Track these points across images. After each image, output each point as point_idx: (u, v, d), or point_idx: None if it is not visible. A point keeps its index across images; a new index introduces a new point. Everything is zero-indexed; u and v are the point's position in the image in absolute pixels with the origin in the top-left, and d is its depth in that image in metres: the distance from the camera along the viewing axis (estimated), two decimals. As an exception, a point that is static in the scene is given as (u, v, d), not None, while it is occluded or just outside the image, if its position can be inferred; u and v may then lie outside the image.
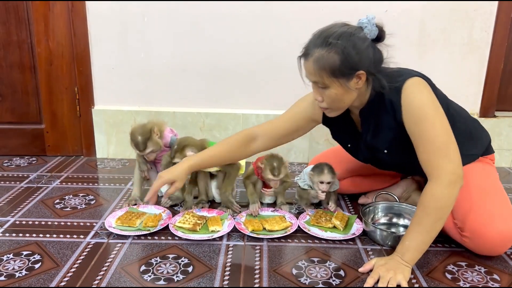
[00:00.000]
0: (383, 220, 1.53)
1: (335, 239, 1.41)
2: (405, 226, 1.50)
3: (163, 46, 2.06)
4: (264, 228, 1.44)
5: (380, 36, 1.22)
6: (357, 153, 1.48)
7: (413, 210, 1.50)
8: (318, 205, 1.67)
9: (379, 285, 1.15)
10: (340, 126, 1.46)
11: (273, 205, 1.66)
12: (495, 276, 1.23)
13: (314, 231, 1.45)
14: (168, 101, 2.15)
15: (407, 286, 1.14)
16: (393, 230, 1.48)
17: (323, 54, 1.18)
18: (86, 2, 2.00)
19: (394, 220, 1.53)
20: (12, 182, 1.86)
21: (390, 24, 1.97)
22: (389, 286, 1.14)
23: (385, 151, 1.36)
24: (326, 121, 1.46)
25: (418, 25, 1.99)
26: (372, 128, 1.35)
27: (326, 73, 1.19)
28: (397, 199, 1.55)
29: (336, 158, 1.68)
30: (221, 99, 2.14)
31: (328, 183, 1.53)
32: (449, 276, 1.23)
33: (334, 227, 1.46)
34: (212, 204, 1.68)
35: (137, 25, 2.03)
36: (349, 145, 1.49)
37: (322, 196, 1.55)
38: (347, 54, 1.16)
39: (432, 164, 1.20)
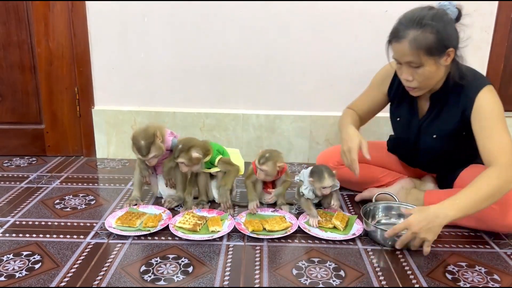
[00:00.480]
0: (384, 220, 1.53)
1: (335, 239, 1.41)
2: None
3: (163, 46, 2.06)
4: (264, 229, 1.44)
5: (458, 17, 1.35)
6: (402, 129, 1.60)
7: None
8: (318, 205, 1.67)
9: (397, 245, 1.30)
10: (402, 100, 1.57)
11: (273, 205, 1.66)
12: (496, 277, 1.23)
13: (314, 231, 1.45)
14: (168, 101, 2.15)
15: (429, 247, 1.26)
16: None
17: (419, 35, 1.29)
18: (86, 2, 2.00)
19: (394, 220, 1.53)
20: (12, 182, 1.86)
21: (390, 24, 1.98)
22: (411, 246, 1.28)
23: (434, 136, 1.49)
24: (390, 92, 1.60)
25: (418, 25, 1.99)
26: (435, 113, 1.48)
27: (422, 51, 1.29)
28: (397, 199, 1.55)
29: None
30: (221, 100, 2.14)
31: (330, 186, 1.53)
32: (449, 276, 1.23)
33: (334, 227, 1.47)
34: (212, 204, 1.68)
35: (138, 25, 2.03)
36: (398, 119, 1.60)
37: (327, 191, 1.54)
38: (441, 33, 1.28)
39: (498, 154, 1.31)
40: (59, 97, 2.12)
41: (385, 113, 2.11)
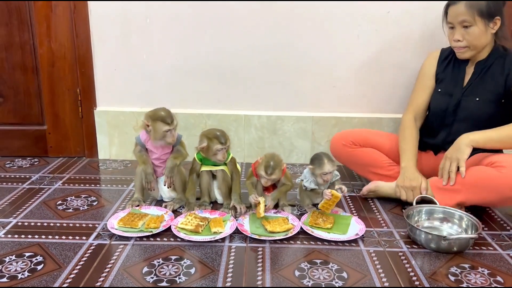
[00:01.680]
0: (427, 223, 1.53)
1: (338, 240, 1.41)
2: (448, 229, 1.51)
3: (166, 47, 2.06)
4: (266, 229, 1.44)
5: (504, 3, 1.59)
6: (443, 98, 1.72)
7: (456, 212, 1.50)
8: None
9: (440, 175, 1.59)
10: (449, 69, 1.74)
11: (276, 206, 1.65)
12: (499, 278, 1.23)
13: (317, 232, 1.44)
14: (170, 102, 2.13)
15: (464, 166, 1.52)
16: (436, 233, 1.42)
17: None
18: (88, 3, 2.00)
19: (437, 223, 1.53)
20: (15, 183, 1.86)
21: (392, 25, 1.99)
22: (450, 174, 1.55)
23: (477, 99, 1.65)
24: (438, 70, 1.77)
25: (420, 26, 1.99)
26: (480, 77, 1.65)
27: (476, 12, 1.54)
28: (437, 202, 1.56)
29: (361, 131, 1.96)
30: (223, 100, 2.14)
31: (330, 172, 1.53)
32: (452, 278, 1.22)
33: (332, 226, 1.47)
34: (215, 205, 1.68)
35: (140, 26, 2.03)
36: (439, 90, 1.75)
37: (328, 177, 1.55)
38: (492, 1, 1.53)
39: None
40: (61, 98, 2.13)
41: (387, 114, 2.11)
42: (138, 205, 1.62)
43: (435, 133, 1.77)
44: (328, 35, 2.03)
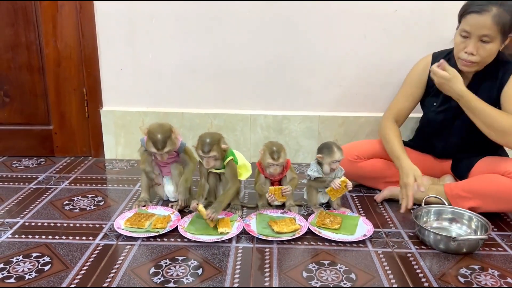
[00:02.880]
0: (435, 224, 1.52)
1: (345, 241, 1.39)
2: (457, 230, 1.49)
3: (172, 47, 2.06)
4: (273, 230, 1.43)
5: None
6: (439, 111, 1.65)
7: (465, 213, 1.49)
8: (327, 206, 1.66)
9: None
10: None
11: (283, 207, 1.64)
12: (509, 280, 1.21)
13: (325, 233, 1.43)
14: (176, 102, 2.14)
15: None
16: (445, 234, 1.41)
17: (501, 12, 1.39)
18: (94, 2, 2.00)
19: (446, 224, 1.52)
20: (21, 183, 1.86)
21: (400, 24, 1.98)
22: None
23: None
24: (430, 81, 1.63)
25: (427, 25, 1.98)
26: (475, 87, 1.53)
27: (499, 28, 1.40)
28: (446, 203, 1.54)
29: (364, 142, 1.85)
30: (229, 100, 2.13)
31: (339, 161, 1.55)
32: (462, 280, 1.21)
33: (340, 227, 1.46)
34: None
35: (146, 26, 2.03)
36: (434, 104, 1.67)
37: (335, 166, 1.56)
38: None
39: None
40: (67, 98, 2.13)
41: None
42: (144, 205, 1.62)
43: (432, 144, 1.75)
44: (334, 34, 2.02)
